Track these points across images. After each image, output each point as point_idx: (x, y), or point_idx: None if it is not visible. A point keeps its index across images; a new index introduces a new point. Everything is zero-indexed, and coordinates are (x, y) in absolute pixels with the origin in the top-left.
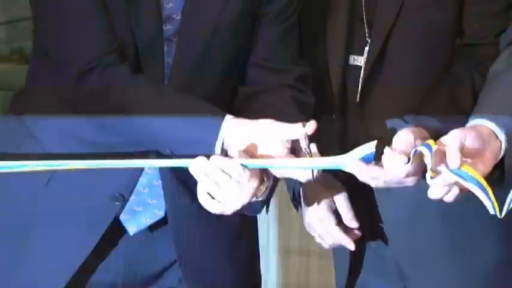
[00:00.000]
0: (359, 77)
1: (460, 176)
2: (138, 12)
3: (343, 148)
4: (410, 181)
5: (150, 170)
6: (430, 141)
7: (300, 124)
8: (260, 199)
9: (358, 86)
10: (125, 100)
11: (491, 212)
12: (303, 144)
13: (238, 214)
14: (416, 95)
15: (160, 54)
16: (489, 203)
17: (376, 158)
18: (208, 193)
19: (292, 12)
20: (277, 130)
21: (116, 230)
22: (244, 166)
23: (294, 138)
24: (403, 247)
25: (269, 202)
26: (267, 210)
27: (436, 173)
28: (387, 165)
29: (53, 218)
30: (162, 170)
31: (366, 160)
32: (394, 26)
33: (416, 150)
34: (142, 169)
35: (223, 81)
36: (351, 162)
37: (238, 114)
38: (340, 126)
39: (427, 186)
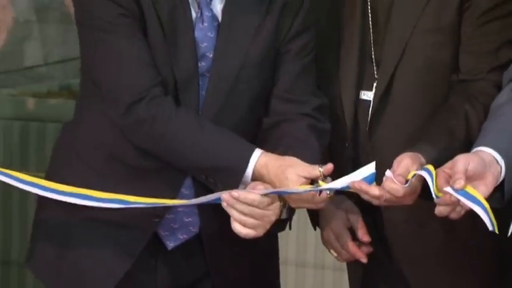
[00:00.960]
0: (368, 109)
1: (463, 196)
2: (177, 51)
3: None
4: (408, 200)
5: (186, 191)
6: (429, 166)
7: (317, 166)
8: (284, 217)
9: (368, 117)
10: (169, 129)
11: (490, 228)
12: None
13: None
14: (418, 124)
15: (196, 88)
16: (488, 220)
17: (377, 179)
18: (239, 222)
19: (310, 50)
20: (299, 168)
21: (156, 244)
22: (263, 194)
23: (312, 178)
24: (407, 260)
25: (291, 219)
26: (290, 227)
27: (442, 193)
28: (387, 186)
29: (98, 229)
30: (196, 192)
31: (369, 181)
32: (399, 64)
33: (415, 174)
34: (178, 190)
35: (249, 111)
36: (354, 182)
37: (263, 142)
38: (353, 152)
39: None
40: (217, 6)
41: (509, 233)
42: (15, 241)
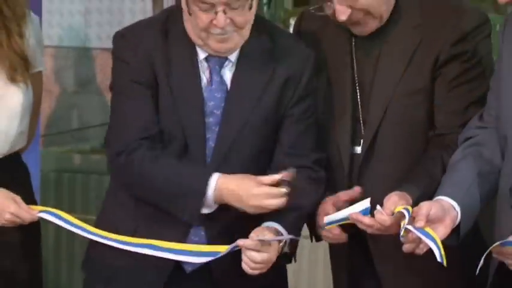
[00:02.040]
0: (359, 160)
1: (422, 233)
2: (186, 109)
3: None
4: (393, 230)
5: (196, 223)
6: (409, 207)
7: (277, 175)
8: (287, 251)
9: (358, 165)
10: (143, 170)
11: (439, 259)
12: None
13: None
14: (398, 171)
15: (203, 140)
16: (438, 254)
17: (371, 212)
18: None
19: (311, 114)
20: (258, 178)
21: (178, 269)
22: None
23: (271, 182)
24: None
25: (295, 253)
26: (295, 260)
27: (406, 232)
28: (377, 217)
29: (135, 263)
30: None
31: (364, 213)
32: (381, 123)
33: (399, 210)
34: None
35: (251, 160)
36: (352, 214)
37: None
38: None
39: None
40: (227, 74)
41: (477, 272)
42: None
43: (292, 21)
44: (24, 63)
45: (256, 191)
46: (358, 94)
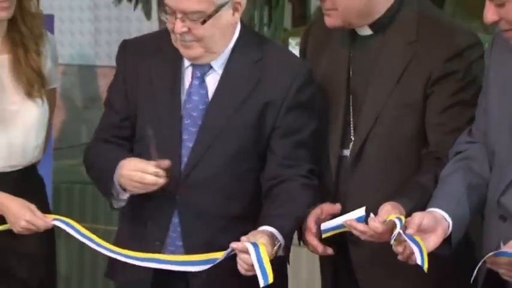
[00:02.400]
0: (344, 164)
1: (409, 239)
2: (163, 110)
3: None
4: (385, 237)
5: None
6: (402, 217)
7: (154, 162)
8: (281, 254)
9: (345, 170)
10: (86, 163)
11: (420, 264)
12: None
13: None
14: (382, 178)
15: (178, 140)
16: (420, 259)
17: (366, 220)
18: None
19: (303, 126)
20: (133, 163)
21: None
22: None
23: (143, 170)
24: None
25: (288, 257)
26: (288, 262)
27: (397, 240)
28: (370, 224)
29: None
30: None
31: (359, 221)
32: (371, 131)
33: (391, 219)
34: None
35: (230, 166)
36: (347, 221)
37: (266, 197)
38: (335, 191)
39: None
40: (210, 81)
41: (471, 281)
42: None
43: (291, 41)
44: (40, 79)
45: (134, 167)
46: (351, 100)
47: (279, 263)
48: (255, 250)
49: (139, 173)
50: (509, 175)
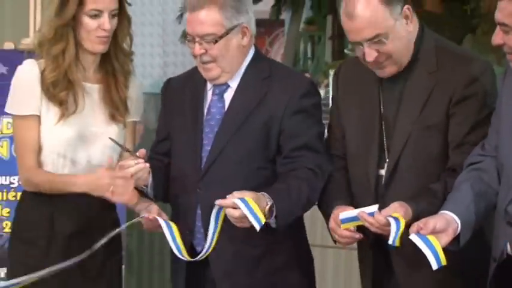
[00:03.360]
0: (382, 181)
1: (422, 239)
2: (189, 121)
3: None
4: (389, 231)
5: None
6: (400, 217)
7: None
8: (274, 216)
9: (383, 185)
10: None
11: (434, 267)
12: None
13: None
14: (414, 191)
15: (200, 144)
16: (433, 258)
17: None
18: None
19: (307, 129)
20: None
21: (192, 249)
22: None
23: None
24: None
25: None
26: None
27: (411, 238)
28: (376, 217)
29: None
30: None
31: (371, 215)
32: (402, 152)
33: (391, 218)
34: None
35: (241, 164)
36: (360, 213)
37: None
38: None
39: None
40: (228, 97)
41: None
42: None
43: (331, 72)
44: (124, 107)
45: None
46: (384, 126)
47: (306, 262)
48: (242, 202)
49: (120, 176)
50: (510, 195)
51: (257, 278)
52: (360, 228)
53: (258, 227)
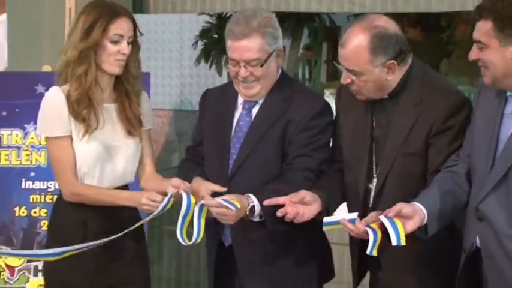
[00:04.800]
0: (370, 194)
1: (388, 220)
2: (220, 132)
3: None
4: (367, 237)
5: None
6: (378, 230)
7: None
8: (257, 219)
9: (371, 198)
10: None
11: (394, 243)
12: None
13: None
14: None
15: (228, 152)
16: (394, 237)
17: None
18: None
19: (313, 142)
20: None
21: (221, 244)
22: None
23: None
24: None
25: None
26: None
27: (376, 220)
28: (356, 225)
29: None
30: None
31: (352, 222)
32: (389, 173)
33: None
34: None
35: (262, 170)
36: (341, 219)
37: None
38: (362, 213)
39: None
40: (255, 112)
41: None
42: None
43: (325, 91)
44: (138, 123)
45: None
46: (374, 146)
47: (322, 255)
48: (225, 201)
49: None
50: (485, 188)
51: (278, 269)
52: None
53: (234, 208)
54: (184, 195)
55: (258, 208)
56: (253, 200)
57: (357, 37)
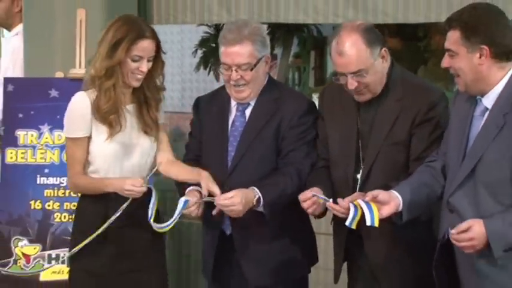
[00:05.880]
0: (357, 184)
1: (365, 203)
2: (217, 132)
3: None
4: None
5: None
6: (358, 206)
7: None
8: (261, 210)
9: (358, 187)
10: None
11: (369, 223)
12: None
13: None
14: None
15: (226, 150)
16: (369, 217)
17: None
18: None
19: (302, 137)
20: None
21: (223, 233)
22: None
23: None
24: (377, 260)
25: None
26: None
27: (356, 203)
28: (339, 202)
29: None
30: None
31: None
32: (374, 162)
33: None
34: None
35: (258, 166)
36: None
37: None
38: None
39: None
40: (248, 112)
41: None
42: None
43: (313, 95)
44: (155, 125)
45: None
46: (360, 141)
47: (309, 243)
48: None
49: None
50: (455, 183)
51: (272, 253)
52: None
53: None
54: (181, 201)
55: (262, 200)
56: (258, 192)
57: (350, 40)
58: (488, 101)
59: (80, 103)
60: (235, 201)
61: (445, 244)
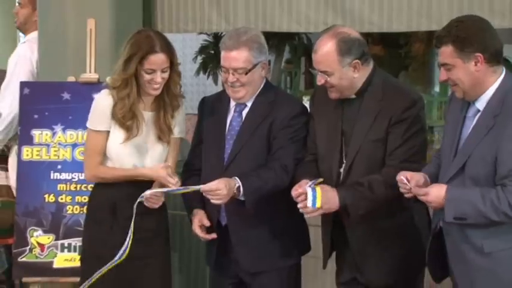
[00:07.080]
0: (340, 177)
1: (311, 188)
2: (215, 131)
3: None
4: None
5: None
6: (317, 188)
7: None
8: (242, 199)
9: (341, 179)
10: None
11: (309, 205)
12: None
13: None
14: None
15: (223, 147)
16: (311, 201)
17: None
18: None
19: (292, 137)
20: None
21: (218, 223)
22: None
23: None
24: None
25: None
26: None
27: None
28: (300, 186)
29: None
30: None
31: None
32: (355, 156)
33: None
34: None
35: (252, 161)
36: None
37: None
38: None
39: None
40: (244, 113)
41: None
42: None
43: (304, 98)
44: (168, 131)
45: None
46: (343, 138)
47: (301, 232)
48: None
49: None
50: (446, 178)
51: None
52: None
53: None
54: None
55: (242, 188)
56: (238, 181)
57: (326, 44)
58: (481, 103)
59: (103, 100)
60: (220, 186)
61: (437, 234)
